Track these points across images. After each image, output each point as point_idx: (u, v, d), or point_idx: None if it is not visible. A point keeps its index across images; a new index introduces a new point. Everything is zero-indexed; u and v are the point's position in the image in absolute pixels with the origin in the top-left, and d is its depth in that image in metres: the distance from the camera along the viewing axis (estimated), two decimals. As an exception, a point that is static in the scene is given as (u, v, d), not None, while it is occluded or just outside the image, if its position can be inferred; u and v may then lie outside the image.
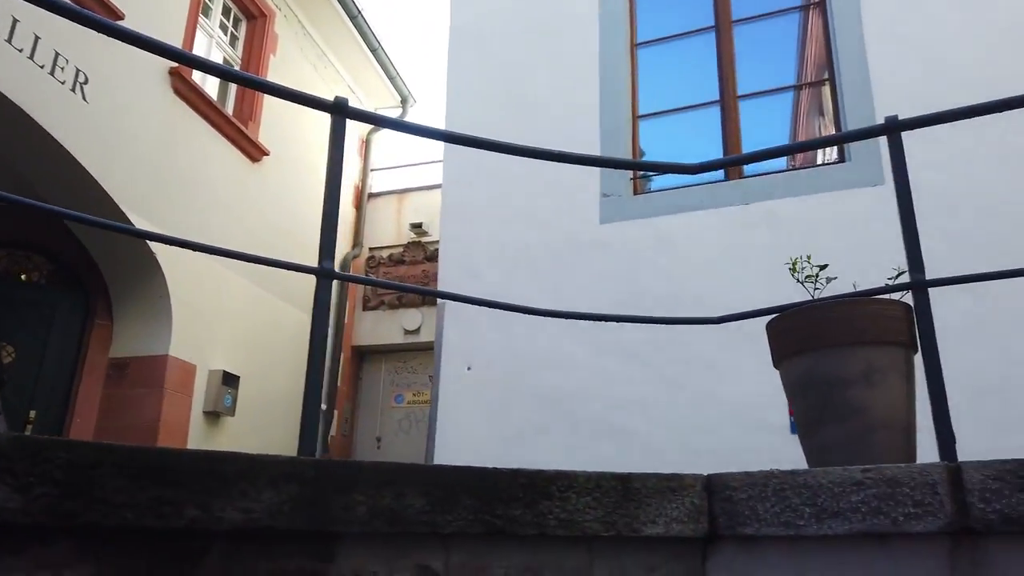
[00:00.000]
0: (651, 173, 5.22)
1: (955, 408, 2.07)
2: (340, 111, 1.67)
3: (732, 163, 2.01)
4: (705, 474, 1.57)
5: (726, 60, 5.02)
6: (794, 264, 1.88)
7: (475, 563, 1.44)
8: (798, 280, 1.91)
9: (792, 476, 1.49)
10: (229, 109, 7.22)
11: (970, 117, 1.68)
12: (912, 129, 1.68)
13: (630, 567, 1.51)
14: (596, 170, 5.00)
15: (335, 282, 7.35)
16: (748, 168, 4.84)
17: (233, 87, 7.37)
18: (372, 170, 9.49)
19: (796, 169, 4.80)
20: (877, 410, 1.61)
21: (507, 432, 4.58)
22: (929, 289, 1.83)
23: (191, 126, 6.55)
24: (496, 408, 4.70)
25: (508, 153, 2.17)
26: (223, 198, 6.85)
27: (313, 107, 1.72)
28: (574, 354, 4.57)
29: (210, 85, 6.99)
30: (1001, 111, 1.63)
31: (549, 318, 4.55)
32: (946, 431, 1.51)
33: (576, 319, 2.33)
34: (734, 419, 3.91)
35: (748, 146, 4.94)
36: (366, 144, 9.48)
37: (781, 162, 4.96)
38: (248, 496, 1.28)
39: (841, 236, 3.92)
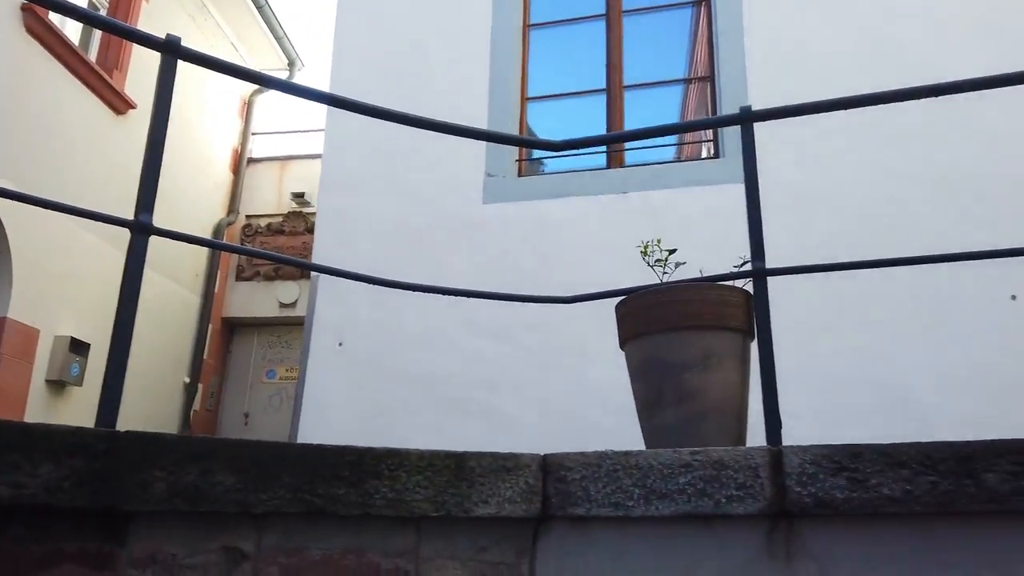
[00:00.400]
0: (540, 154, 5.22)
1: (795, 398, 2.15)
2: (170, 50, 1.51)
3: (592, 143, 2.01)
4: (542, 454, 1.54)
5: (614, 49, 5.07)
6: (645, 248, 1.89)
7: (290, 545, 1.34)
8: (648, 264, 1.92)
9: (625, 457, 1.49)
10: (92, 55, 6.64)
11: (818, 112, 1.73)
12: (763, 120, 1.72)
13: (459, 547, 1.46)
14: (481, 149, 4.94)
15: (207, 250, 6.88)
16: (629, 158, 4.92)
17: (98, 32, 6.78)
18: (253, 134, 9.03)
19: (675, 162, 4.92)
20: (712, 394, 1.64)
21: (376, 410, 4.48)
22: (780, 284, 1.88)
23: (46, 71, 5.97)
24: (366, 386, 4.58)
25: (382, 118, 2.07)
26: (83, 152, 6.30)
27: (141, 43, 1.55)
28: (448, 334, 4.51)
29: (71, 28, 6.39)
30: (845, 108, 1.69)
31: (424, 296, 4.45)
32: (773, 417, 1.55)
33: (423, 292, 2.26)
34: (601, 401, 3.96)
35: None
36: (248, 106, 9.00)
37: (662, 154, 5.07)
38: (21, 470, 1.13)
39: (710, 229, 4.04)
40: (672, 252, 1.93)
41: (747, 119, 1.69)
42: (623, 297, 1.86)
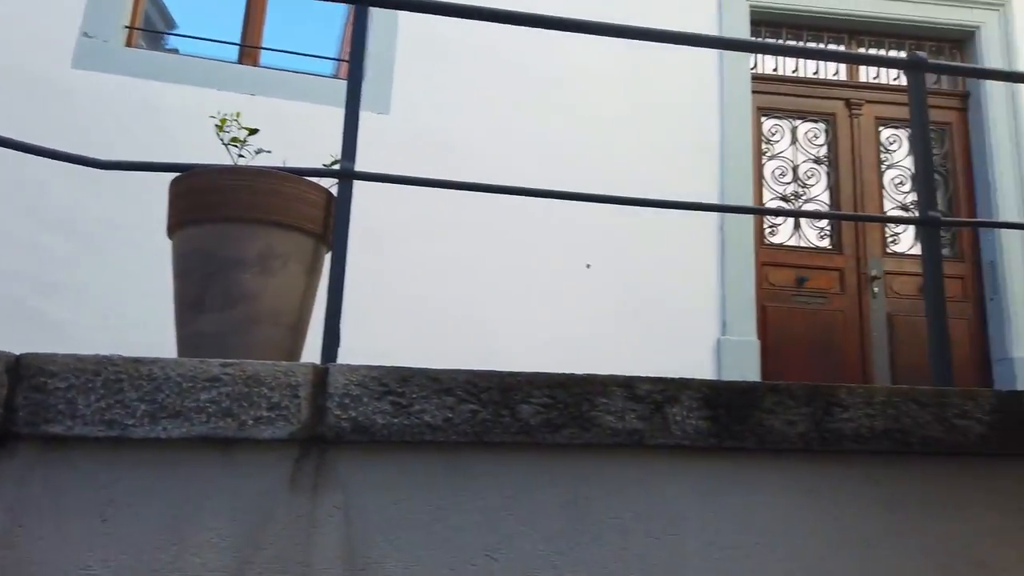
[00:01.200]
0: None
1: (378, 331, 2.02)
2: None
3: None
4: (16, 353, 1.16)
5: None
6: (222, 122, 1.57)
7: None
8: (223, 143, 1.61)
9: (135, 365, 1.18)
10: None
11: (462, 17, 1.58)
12: (379, 7, 1.53)
13: None
14: (80, 3, 4.02)
15: None
16: (265, 59, 4.44)
17: None
18: None
19: (313, 75, 4.55)
20: (267, 301, 1.41)
21: None
22: (388, 221, 1.72)
23: None
24: None
25: None
26: None
27: None
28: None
29: None
30: (490, 20, 1.57)
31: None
32: (333, 333, 1.39)
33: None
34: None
35: (272, 35, 4.53)
36: None
37: (305, 64, 4.64)
38: None
39: (334, 151, 3.81)
40: (253, 132, 1.63)
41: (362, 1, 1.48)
42: (178, 175, 1.51)
